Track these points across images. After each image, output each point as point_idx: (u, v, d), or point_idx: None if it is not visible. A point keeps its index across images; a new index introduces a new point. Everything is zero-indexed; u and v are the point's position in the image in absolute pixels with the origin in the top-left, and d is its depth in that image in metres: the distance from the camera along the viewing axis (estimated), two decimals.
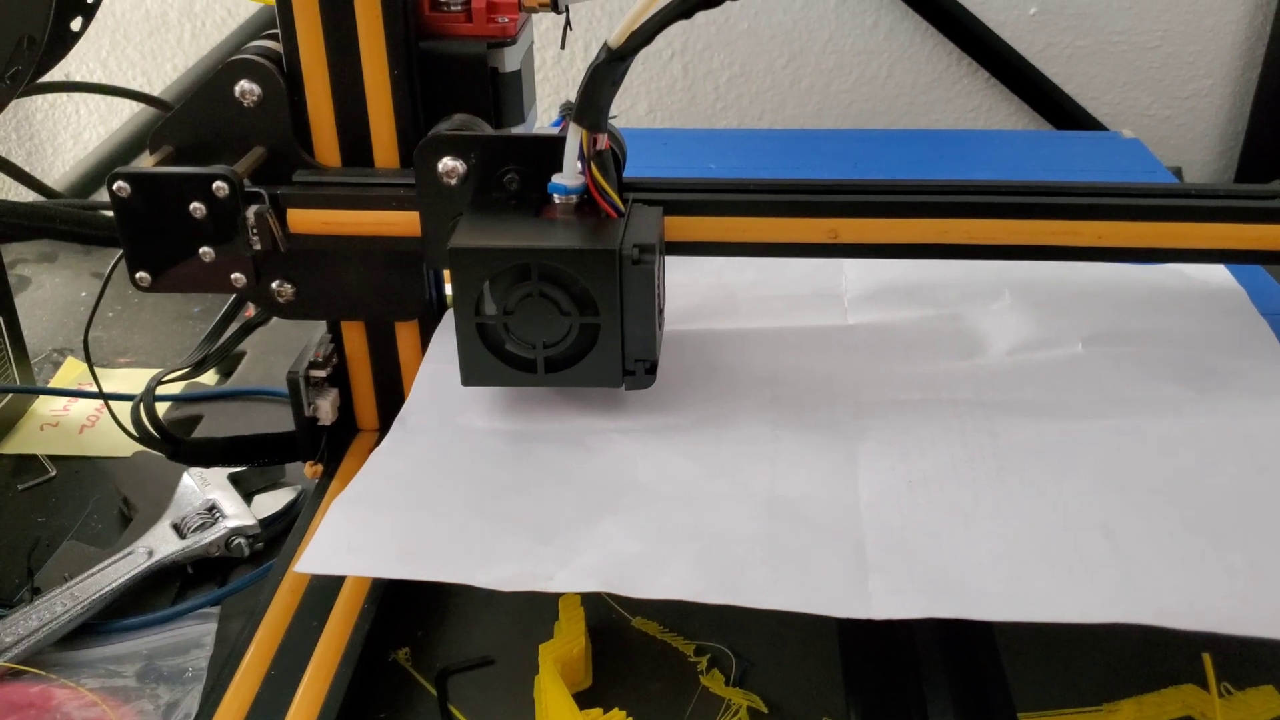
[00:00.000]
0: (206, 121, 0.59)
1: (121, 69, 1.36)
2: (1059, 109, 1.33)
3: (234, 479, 0.74)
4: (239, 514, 0.71)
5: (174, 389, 0.86)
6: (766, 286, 0.72)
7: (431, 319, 0.66)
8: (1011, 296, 0.69)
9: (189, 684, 0.62)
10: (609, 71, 0.53)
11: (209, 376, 0.91)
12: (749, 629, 0.59)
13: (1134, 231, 0.60)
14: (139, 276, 0.60)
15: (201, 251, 0.59)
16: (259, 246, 0.59)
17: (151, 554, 0.69)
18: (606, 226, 0.56)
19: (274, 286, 0.62)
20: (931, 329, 0.67)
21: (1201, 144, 1.37)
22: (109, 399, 0.66)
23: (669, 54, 1.34)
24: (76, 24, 0.70)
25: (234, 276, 0.60)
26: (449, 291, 0.58)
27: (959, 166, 1.04)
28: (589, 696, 0.56)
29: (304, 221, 0.59)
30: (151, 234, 0.59)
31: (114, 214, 0.58)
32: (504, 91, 0.62)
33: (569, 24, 0.64)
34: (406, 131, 0.60)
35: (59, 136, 1.40)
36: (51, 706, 0.60)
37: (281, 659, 0.55)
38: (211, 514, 0.71)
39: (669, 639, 0.59)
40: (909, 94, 1.36)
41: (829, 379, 0.63)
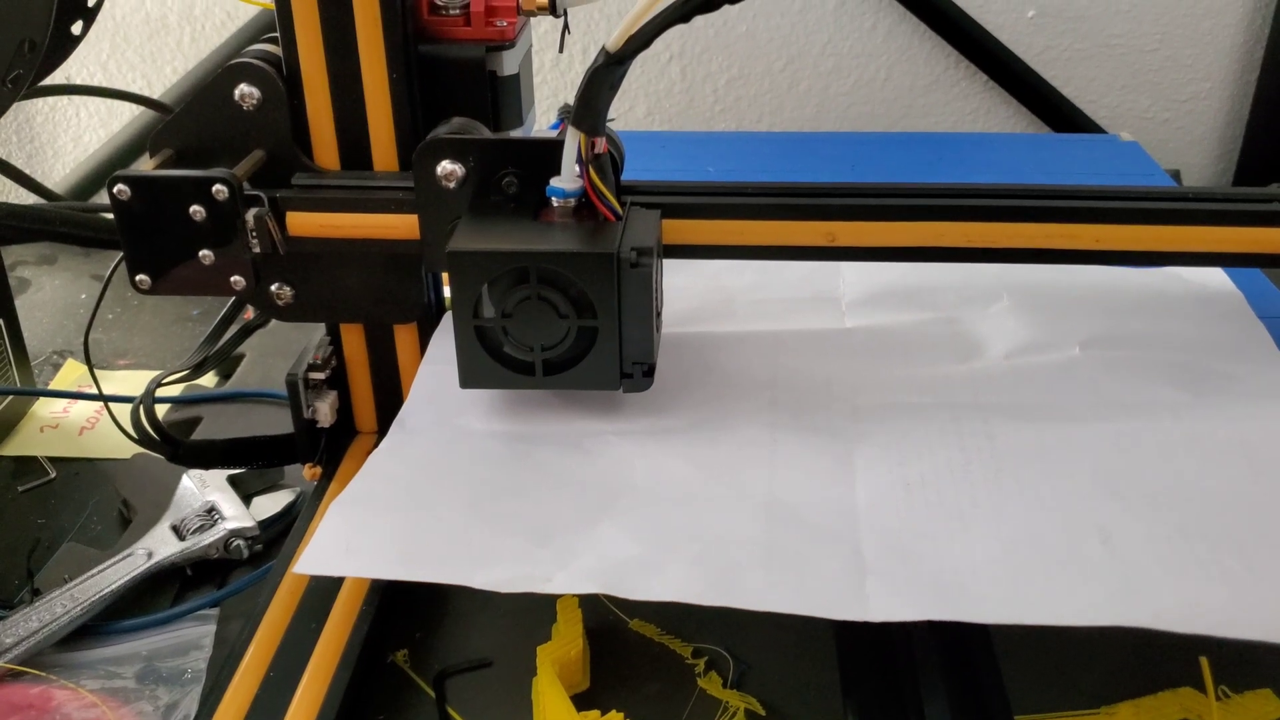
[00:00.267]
0: (206, 125, 0.59)
1: (122, 72, 1.36)
2: (1057, 112, 1.33)
3: (233, 481, 0.74)
4: (238, 516, 0.71)
5: (174, 391, 0.86)
6: (765, 290, 0.72)
7: (430, 321, 0.66)
8: (1009, 300, 0.69)
9: (188, 685, 0.62)
10: (607, 75, 0.53)
11: (209, 378, 0.91)
12: (747, 631, 0.59)
13: (1131, 235, 0.60)
14: (139, 279, 0.60)
15: (201, 254, 0.59)
16: (258, 249, 0.59)
17: (151, 555, 0.69)
18: (604, 229, 0.56)
19: (273, 289, 0.62)
20: (929, 332, 0.67)
21: (1200, 147, 1.37)
22: (109, 401, 0.66)
23: (667, 57, 1.35)
24: (77, 28, 0.70)
25: (233, 279, 0.60)
26: (448, 294, 0.58)
27: (957, 169, 1.04)
28: (587, 698, 0.56)
29: (303, 224, 0.59)
30: (151, 237, 0.59)
31: (114, 217, 0.58)
32: (502, 95, 0.62)
33: (567, 27, 0.64)
34: (405, 135, 0.60)
35: (59, 139, 1.40)
36: (51, 707, 0.60)
37: (280, 660, 0.55)
38: (211, 516, 0.71)
39: (667, 641, 0.59)
40: (907, 97, 1.36)
41: (827, 382, 0.63)
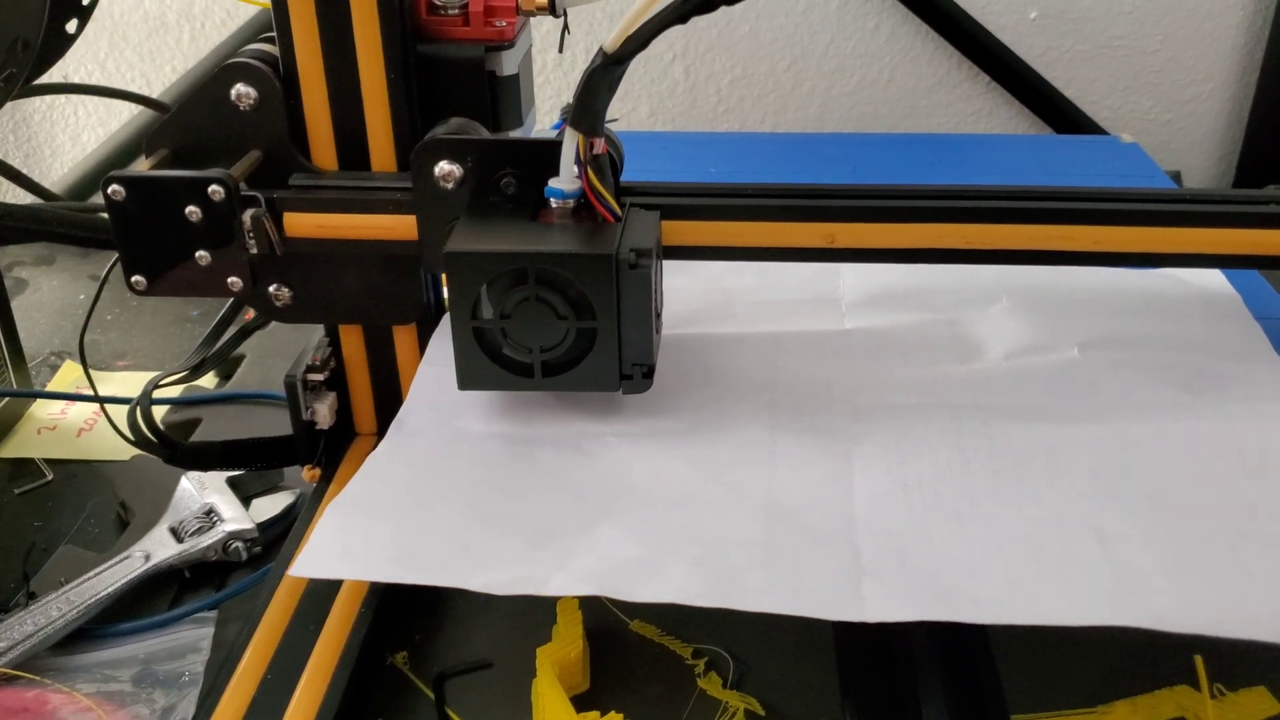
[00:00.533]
0: (203, 125, 0.59)
1: (120, 71, 1.36)
2: (1059, 113, 1.33)
3: (232, 483, 0.74)
4: (237, 518, 0.71)
5: (173, 392, 0.86)
6: (765, 291, 0.72)
7: (429, 322, 0.66)
8: (1008, 301, 0.69)
9: (185, 688, 0.62)
10: (605, 76, 0.53)
11: (209, 380, 0.91)
12: (746, 632, 0.59)
13: (1130, 236, 0.60)
14: (135, 280, 0.60)
15: (197, 255, 0.59)
16: (255, 250, 0.59)
17: (148, 558, 0.68)
18: (603, 231, 0.56)
19: (271, 290, 0.62)
20: (928, 334, 0.67)
21: (1200, 148, 1.37)
22: (105, 402, 0.66)
23: (670, 57, 1.34)
24: (72, 26, 0.69)
25: (230, 280, 0.60)
26: (447, 295, 0.58)
27: (959, 170, 1.04)
28: (587, 699, 0.56)
29: (300, 225, 0.59)
30: (147, 237, 0.58)
31: (109, 217, 0.58)
32: (502, 95, 0.62)
33: (567, 27, 0.64)
34: (403, 135, 0.60)
35: (57, 138, 1.40)
36: (46, 711, 0.60)
37: (278, 663, 0.55)
38: (209, 518, 0.71)
39: (667, 642, 0.59)
40: (910, 98, 1.36)
41: (826, 383, 0.63)
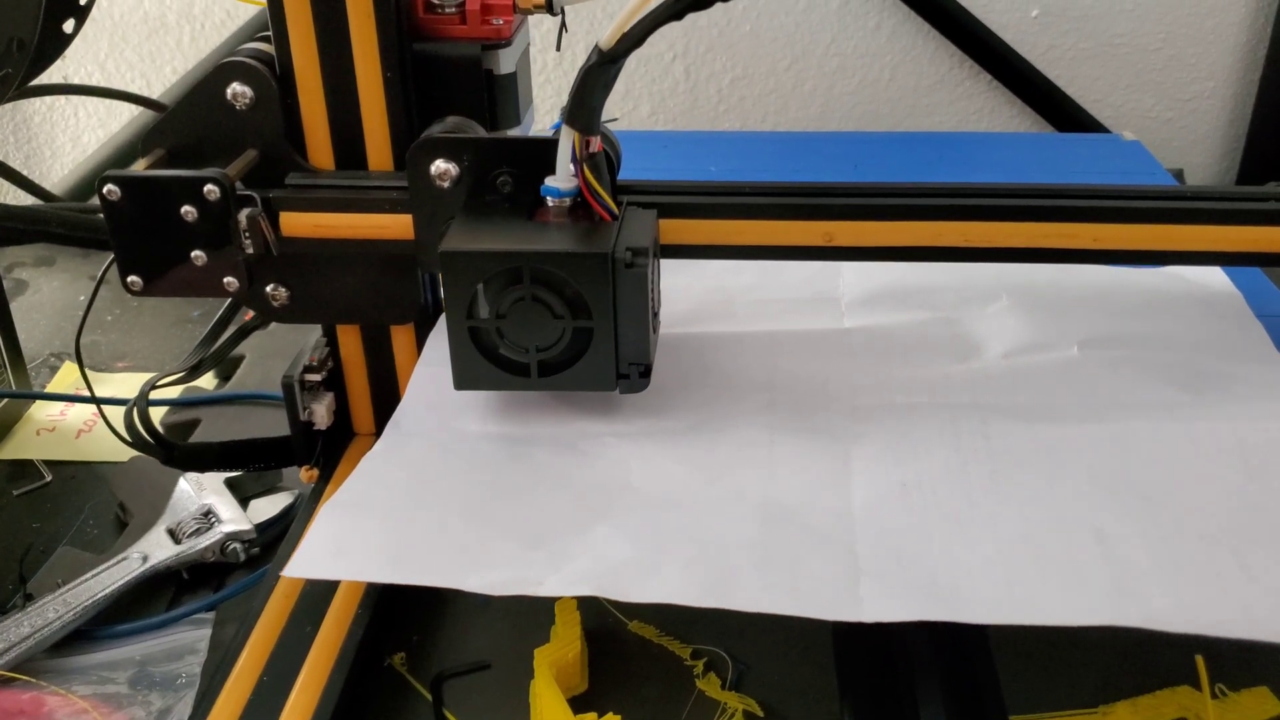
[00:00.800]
0: (198, 124, 0.59)
1: (120, 71, 1.36)
2: (1061, 111, 1.33)
3: (230, 484, 0.74)
4: (235, 519, 0.71)
5: (172, 393, 0.86)
6: (764, 290, 0.72)
7: (427, 322, 0.66)
8: (1008, 299, 0.69)
9: (182, 690, 0.61)
10: (600, 73, 0.53)
11: (208, 380, 0.91)
12: (745, 633, 0.59)
13: (1130, 234, 0.59)
14: (130, 280, 0.60)
15: (193, 255, 0.59)
16: (251, 250, 0.58)
17: (146, 559, 0.68)
18: (600, 229, 0.56)
19: (268, 290, 0.62)
20: (928, 332, 0.67)
21: (1203, 146, 1.37)
22: (102, 404, 0.66)
23: (671, 56, 1.34)
24: (69, 26, 0.69)
25: (227, 280, 0.60)
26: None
27: (961, 169, 1.04)
28: (585, 700, 0.56)
29: (297, 225, 0.59)
30: (143, 237, 0.58)
31: (104, 217, 0.58)
32: (499, 94, 0.61)
33: (564, 26, 0.64)
34: (400, 134, 0.60)
35: (57, 139, 1.40)
36: (42, 714, 0.60)
37: (274, 664, 0.55)
38: (207, 519, 0.71)
39: (665, 643, 0.59)
40: (911, 96, 1.36)
41: (825, 383, 0.62)
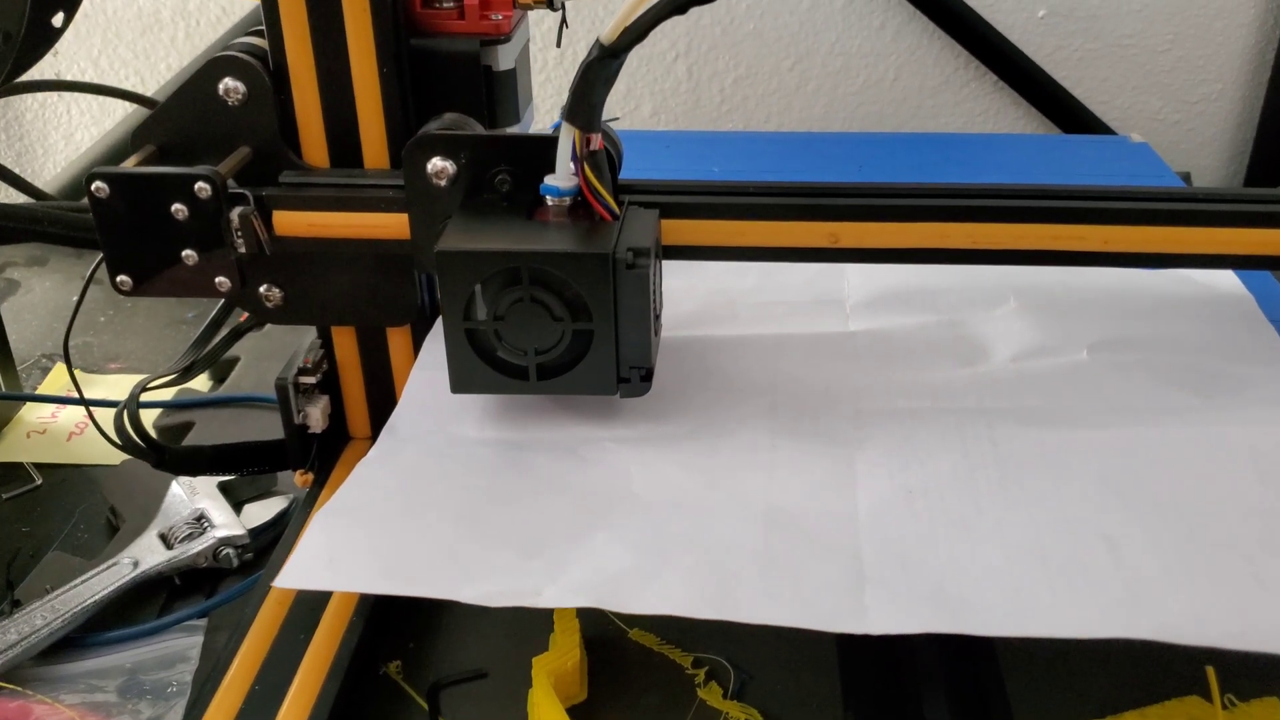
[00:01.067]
0: (190, 121, 0.58)
1: (114, 68, 1.35)
2: (1068, 113, 1.32)
3: (224, 488, 0.74)
4: (228, 524, 0.70)
5: (165, 395, 0.85)
6: (767, 292, 0.71)
7: (424, 324, 0.65)
8: (1015, 302, 0.68)
9: (172, 699, 0.61)
10: (602, 69, 0.52)
11: (202, 383, 0.90)
12: (747, 641, 0.58)
13: (1140, 236, 0.59)
14: (120, 280, 0.59)
15: (185, 254, 0.58)
16: (244, 250, 0.57)
17: (137, 565, 0.68)
18: (600, 229, 0.55)
19: (261, 291, 0.61)
20: (933, 336, 0.66)
21: (1211, 149, 1.36)
22: (91, 405, 0.65)
23: (673, 56, 1.34)
24: (58, 20, 0.68)
25: (218, 280, 0.59)
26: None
27: (966, 170, 1.03)
28: (584, 710, 0.55)
29: (290, 224, 0.58)
30: (132, 236, 0.57)
31: (93, 216, 0.57)
32: (498, 90, 0.61)
33: (565, 21, 0.63)
34: (397, 131, 0.59)
35: (50, 137, 1.39)
36: None
37: (266, 673, 0.54)
38: (200, 524, 0.70)
39: (666, 651, 0.58)
40: (916, 97, 1.35)
41: (829, 387, 0.62)
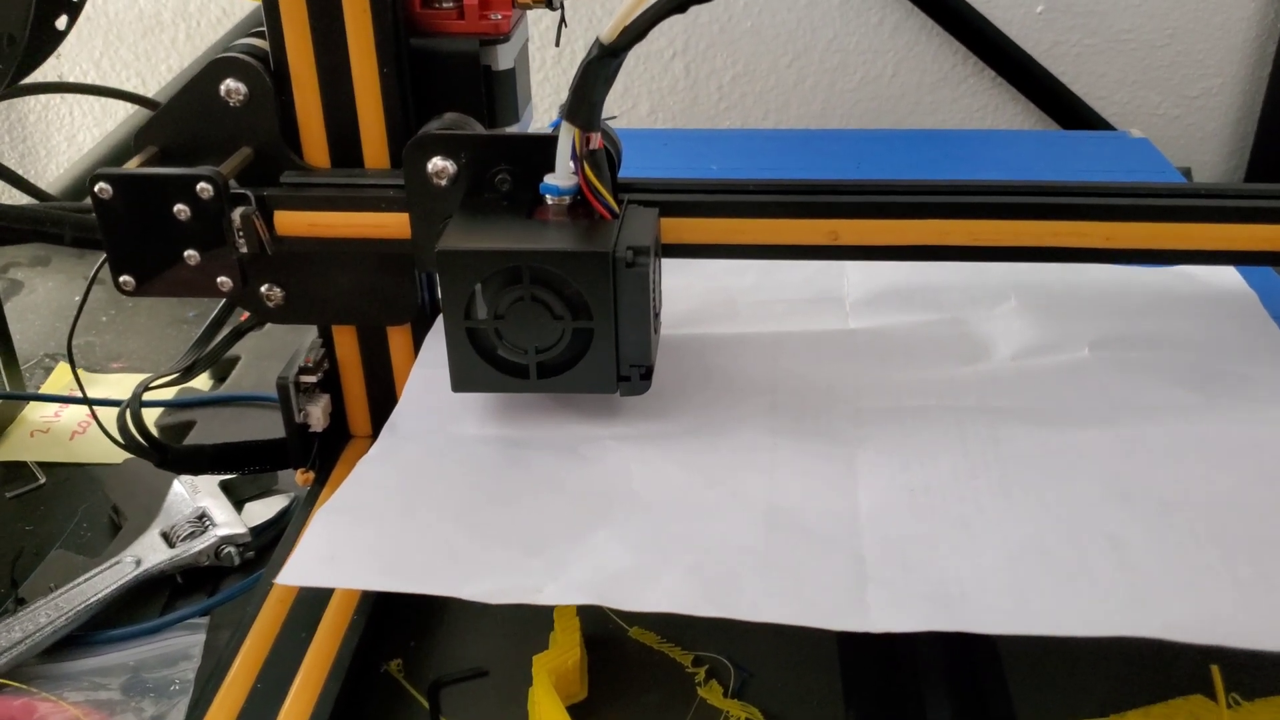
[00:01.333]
0: (192, 122, 0.58)
1: (115, 70, 1.35)
2: (1066, 108, 1.32)
3: (225, 486, 0.74)
4: (229, 522, 0.71)
5: (166, 395, 0.85)
6: (767, 290, 0.71)
7: (424, 323, 0.65)
8: (1017, 300, 0.68)
9: (175, 697, 0.61)
10: (601, 68, 0.52)
11: (203, 382, 0.90)
12: (748, 639, 0.58)
13: (1143, 232, 0.59)
14: (123, 280, 0.59)
15: (186, 255, 0.58)
16: (245, 250, 0.58)
17: (139, 563, 0.68)
18: (600, 228, 0.55)
19: (263, 290, 0.61)
20: (935, 333, 0.66)
21: (1211, 144, 1.36)
22: (94, 405, 0.65)
23: (670, 54, 1.34)
24: (61, 22, 0.68)
25: (220, 280, 0.59)
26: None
27: (965, 167, 1.03)
28: (584, 708, 0.55)
29: (292, 224, 0.58)
30: (135, 236, 0.58)
31: (96, 216, 0.57)
32: (497, 90, 0.61)
33: (564, 20, 0.63)
34: (397, 131, 0.59)
35: (52, 138, 1.39)
36: None
37: (269, 671, 0.54)
38: (201, 522, 0.71)
39: (666, 649, 0.58)
40: (914, 93, 1.35)
41: (829, 385, 0.62)
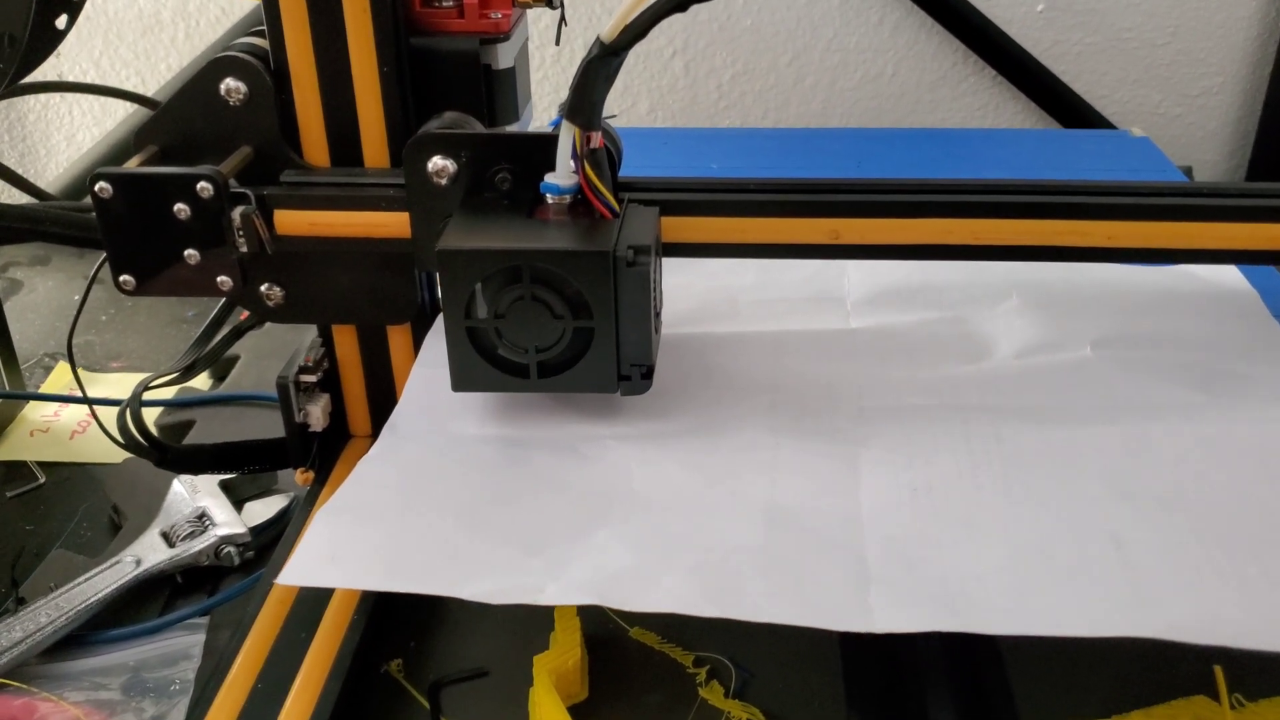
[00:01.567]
0: (192, 121, 0.58)
1: (115, 69, 1.35)
2: (1067, 107, 1.32)
3: (225, 486, 0.73)
4: (229, 522, 0.70)
5: (166, 394, 0.85)
6: (767, 289, 0.71)
7: (424, 322, 0.65)
8: (1018, 299, 0.68)
9: (175, 697, 0.61)
10: (602, 67, 0.52)
11: (203, 381, 0.90)
12: (749, 639, 0.58)
13: (1145, 231, 0.59)
14: (123, 280, 0.59)
15: (187, 254, 0.58)
16: (245, 249, 0.57)
17: (139, 563, 0.67)
18: (600, 227, 0.55)
19: (263, 290, 0.61)
20: (936, 332, 0.66)
21: (1212, 142, 1.36)
22: (94, 404, 0.65)
23: (670, 52, 1.33)
24: (61, 22, 0.68)
25: (220, 279, 0.59)
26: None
27: (965, 166, 1.03)
28: (585, 709, 0.55)
29: (292, 223, 0.58)
30: (135, 236, 0.57)
31: (96, 216, 0.57)
32: (497, 89, 0.60)
33: (564, 19, 0.63)
34: (397, 130, 0.59)
35: (52, 138, 1.39)
36: None
37: (269, 671, 0.54)
38: (201, 522, 0.70)
39: (667, 649, 0.58)
40: (914, 92, 1.35)
41: (831, 384, 0.62)
